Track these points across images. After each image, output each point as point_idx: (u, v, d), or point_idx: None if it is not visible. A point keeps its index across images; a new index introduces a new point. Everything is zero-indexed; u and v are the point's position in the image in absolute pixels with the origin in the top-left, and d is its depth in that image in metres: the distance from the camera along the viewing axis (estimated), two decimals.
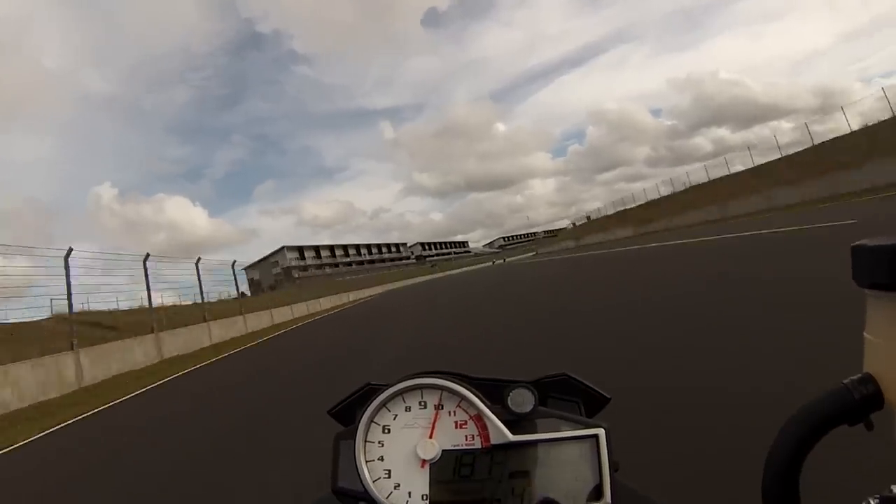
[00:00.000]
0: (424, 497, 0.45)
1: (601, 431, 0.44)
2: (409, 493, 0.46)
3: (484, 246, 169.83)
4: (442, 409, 0.48)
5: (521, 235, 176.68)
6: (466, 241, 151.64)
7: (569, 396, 0.50)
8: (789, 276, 5.01)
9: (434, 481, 0.46)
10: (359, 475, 0.47)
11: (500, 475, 0.45)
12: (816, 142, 27.14)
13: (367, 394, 0.52)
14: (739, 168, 34.87)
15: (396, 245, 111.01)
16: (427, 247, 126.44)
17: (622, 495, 0.43)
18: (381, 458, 0.48)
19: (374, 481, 0.46)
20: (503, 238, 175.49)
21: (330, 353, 8.28)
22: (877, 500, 0.29)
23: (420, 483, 0.46)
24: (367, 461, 0.48)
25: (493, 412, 0.46)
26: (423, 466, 0.46)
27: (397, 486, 0.46)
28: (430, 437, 0.47)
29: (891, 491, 0.29)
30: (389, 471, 0.47)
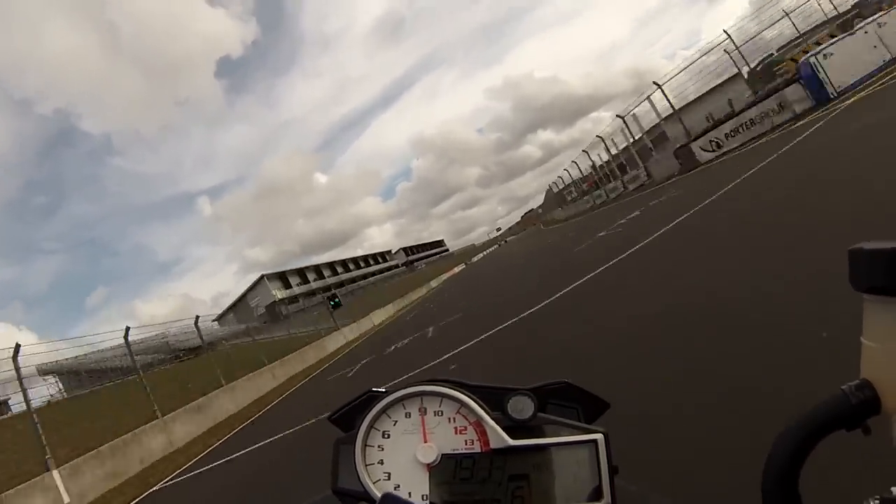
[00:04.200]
0: (424, 497, 0.46)
1: (600, 437, 0.44)
2: (410, 494, 0.46)
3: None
4: (441, 414, 0.49)
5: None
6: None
7: (568, 403, 0.51)
8: None
9: (434, 483, 0.47)
10: (358, 476, 0.47)
11: (500, 478, 0.45)
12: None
13: (367, 401, 0.53)
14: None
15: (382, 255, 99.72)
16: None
17: (622, 498, 0.43)
18: (381, 462, 0.48)
19: (373, 483, 0.47)
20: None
21: None
22: (876, 502, 0.29)
23: (420, 485, 0.47)
24: (367, 464, 0.48)
25: (492, 418, 0.47)
26: (423, 470, 0.47)
27: (397, 488, 0.47)
28: (425, 441, 0.48)
29: (890, 493, 0.30)
30: (389, 473, 0.48)
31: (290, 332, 28.91)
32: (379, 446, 0.49)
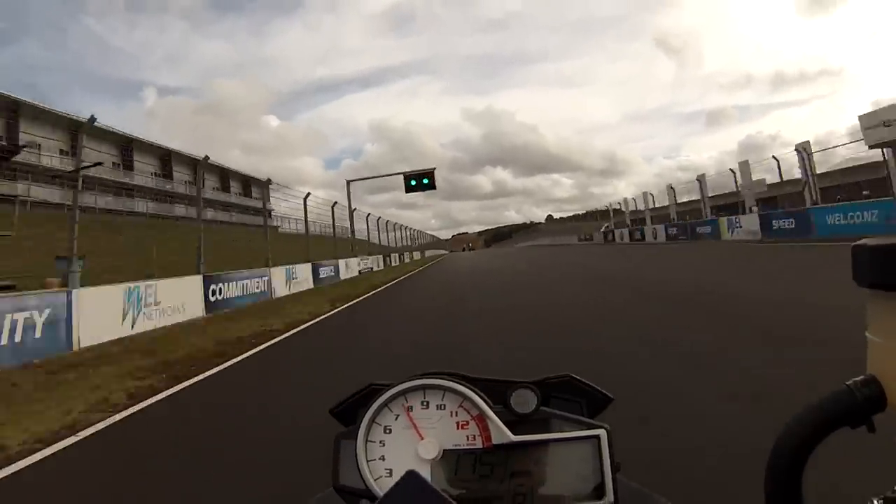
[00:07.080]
0: None
1: (602, 432, 0.44)
2: None
3: None
4: (444, 408, 0.48)
5: None
6: None
7: (571, 396, 0.50)
8: None
9: (435, 481, 0.46)
10: (360, 473, 0.47)
11: (502, 475, 0.45)
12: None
13: (369, 394, 0.52)
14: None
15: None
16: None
17: (624, 494, 0.43)
18: (383, 458, 0.48)
19: (375, 479, 0.46)
20: None
21: None
22: (880, 502, 0.29)
23: None
24: (368, 460, 0.48)
25: (495, 412, 0.46)
26: (424, 466, 0.46)
27: None
28: (420, 438, 0.47)
29: (894, 492, 0.29)
30: (391, 470, 0.47)
31: None
32: (380, 442, 0.48)
